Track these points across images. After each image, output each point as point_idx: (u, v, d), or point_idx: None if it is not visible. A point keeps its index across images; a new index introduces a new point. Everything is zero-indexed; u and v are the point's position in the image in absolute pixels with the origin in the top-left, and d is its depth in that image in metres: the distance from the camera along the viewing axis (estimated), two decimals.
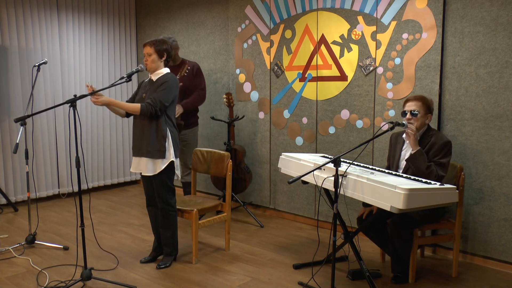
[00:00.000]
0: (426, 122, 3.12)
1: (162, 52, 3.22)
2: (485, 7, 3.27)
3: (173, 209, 3.34)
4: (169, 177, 3.28)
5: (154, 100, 3.11)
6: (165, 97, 3.14)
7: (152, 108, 3.10)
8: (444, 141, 3.02)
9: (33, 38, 5.11)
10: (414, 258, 3.06)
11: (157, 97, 3.12)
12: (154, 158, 3.20)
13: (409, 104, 3.12)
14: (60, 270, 3.30)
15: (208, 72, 5.29)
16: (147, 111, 3.10)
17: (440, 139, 3.03)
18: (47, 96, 5.24)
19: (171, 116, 3.26)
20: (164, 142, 3.18)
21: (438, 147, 3.00)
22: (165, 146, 3.19)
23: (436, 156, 2.99)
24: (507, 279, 3.21)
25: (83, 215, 2.99)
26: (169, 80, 3.18)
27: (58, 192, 5.45)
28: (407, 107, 3.12)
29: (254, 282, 3.15)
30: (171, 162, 3.24)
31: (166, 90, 3.14)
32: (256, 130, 4.83)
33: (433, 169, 2.92)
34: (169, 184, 3.29)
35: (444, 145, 3.00)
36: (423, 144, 3.07)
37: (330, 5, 4.10)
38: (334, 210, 2.65)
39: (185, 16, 5.45)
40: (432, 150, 3.02)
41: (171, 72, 3.28)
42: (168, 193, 3.29)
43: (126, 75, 3.22)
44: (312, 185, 3.97)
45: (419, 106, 3.08)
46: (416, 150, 2.99)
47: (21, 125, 3.50)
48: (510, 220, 3.30)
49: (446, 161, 3.00)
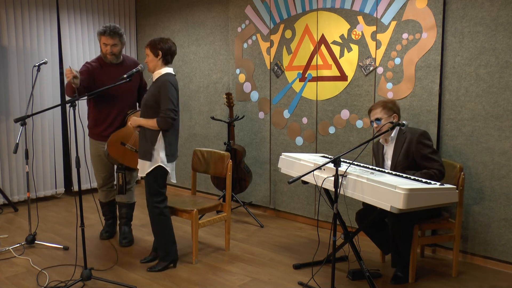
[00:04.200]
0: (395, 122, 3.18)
1: (157, 51, 3.19)
2: (485, 7, 3.27)
3: (161, 213, 3.27)
4: (157, 181, 3.23)
5: (165, 111, 3.10)
6: (171, 104, 3.11)
7: (167, 119, 3.10)
8: (418, 133, 3.09)
9: (33, 38, 5.11)
10: (414, 258, 3.06)
11: (164, 108, 3.11)
12: (142, 159, 3.25)
13: (372, 113, 3.24)
14: (60, 270, 3.30)
15: (208, 72, 5.29)
16: (165, 124, 3.11)
17: (414, 133, 3.11)
18: (47, 96, 5.24)
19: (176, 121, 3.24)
20: (152, 145, 3.17)
21: (416, 142, 3.06)
22: (153, 149, 3.17)
23: (420, 150, 3.04)
24: (507, 279, 3.21)
25: (83, 215, 2.99)
26: (166, 87, 3.13)
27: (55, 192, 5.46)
28: (371, 117, 3.24)
29: (254, 282, 3.15)
30: (159, 166, 3.18)
31: (168, 97, 3.12)
32: (256, 130, 4.83)
33: (433, 173, 2.97)
34: (155, 188, 3.24)
35: (421, 137, 3.07)
36: (400, 143, 3.14)
37: (330, 5, 4.10)
38: (334, 210, 2.65)
39: (185, 16, 5.45)
40: (412, 147, 3.07)
41: (170, 73, 3.23)
42: (155, 196, 3.25)
43: (126, 75, 3.22)
44: (312, 185, 3.97)
45: (380, 112, 3.19)
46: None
47: (21, 125, 3.50)
48: (510, 220, 3.30)
49: (431, 150, 3.05)
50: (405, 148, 3.10)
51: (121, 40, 3.67)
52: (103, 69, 3.71)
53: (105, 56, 3.69)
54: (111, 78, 3.62)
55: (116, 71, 3.68)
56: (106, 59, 3.70)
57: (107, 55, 3.67)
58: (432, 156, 3.03)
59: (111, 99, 3.71)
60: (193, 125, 5.53)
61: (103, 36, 3.61)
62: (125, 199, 3.87)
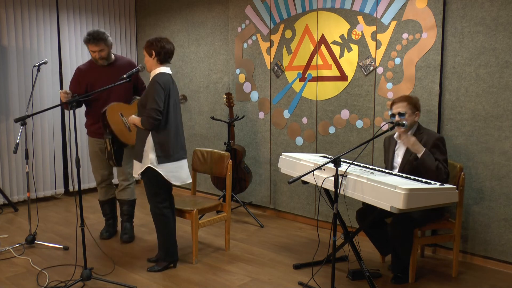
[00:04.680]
0: (416, 120, 3.17)
1: (150, 51, 3.19)
2: (485, 7, 3.27)
3: (161, 214, 3.26)
4: (152, 182, 3.21)
5: (147, 112, 3.07)
6: (154, 104, 3.06)
7: (149, 119, 3.06)
8: (436, 137, 3.06)
9: (33, 38, 5.11)
10: (414, 258, 3.06)
11: (148, 107, 3.08)
12: (135, 160, 3.29)
13: (395, 106, 3.18)
14: (60, 270, 3.30)
15: (208, 72, 5.29)
16: (148, 124, 3.08)
17: (432, 136, 3.08)
18: (47, 96, 5.24)
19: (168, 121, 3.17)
20: (142, 147, 3.17)
21: (432, 145, 3.03)
22: (143, 150, 3.17)
23: (433, 154, 3.01)
24: (507, 279, 3.21)
25: (83, 215, 2.99)
26: (153, 87, 3.10)
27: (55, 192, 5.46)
28: (394, 110, 3.18)
29: (254, 282, 3.15)
30: (148, 167, 3.15)
31: (152, 98, 3.08)
32: (256, 130, 4.83)
33: (441, 167, 2.95)
34: (153, 189, 3.23)
35: (438, 142, 3.04)
36: None
37: (330, 5, 4.10)
38: (334, 210, 2.65)
39: (185, 16, 5.45)
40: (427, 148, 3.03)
41: (162, 73, 3.18)
42: (154, 196, 3.25)
43: (126, 75, 3.23)
44: (312, 185, 3.97)
45: (405, 106, 3.13)
46: (422, 152, 2.99)
47: (21, 125, 3.50)
48: (510, 220, 3.30)
49: (444, 158, 3.03)
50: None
51: (106, 44, 3.76)
52: (95, 70, 3.83)
53: (96, 60, 3.81)
54: (104, 78, 3.75)
55: (108, 71, 3.80)
56: (98, 62, 3.82)
57: (97, 60, 3.79)
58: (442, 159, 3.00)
59: (107, 97, 3.78)
60: (193, 125, 5.53)
61: (89, 44, 3.73)
62: (125, 196, 3.94)
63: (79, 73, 3.86)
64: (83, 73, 3.84)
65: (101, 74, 3.81)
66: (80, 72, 3.86)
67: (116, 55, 3.94)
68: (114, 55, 3.91)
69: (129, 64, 3.94)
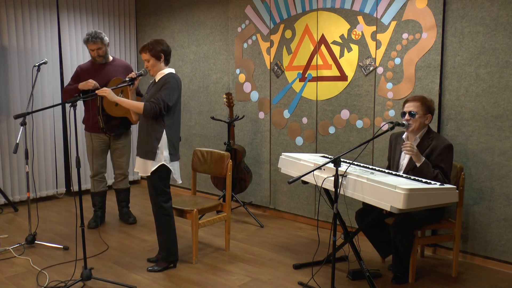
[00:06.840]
0: (426, 123, 3.09)
1: (159, 54, 3.20)
2: (485, 7, 3.27)
3: (166, 213, 3.27)
4: (161, 180, 3.22)
5: (157, 99, 3.10)
6: (167, 97, 3.12)
7: (156, 106, 3.08)
8: (445, 144, 2.99)
9: (33, 38, 5.11)
10: (414, 258, 3.06)
11: (159, 97, 3.11)
12: (145, 159, 3.22)
13: (408, 105, 3.10)
14: (60, 270, 3.30)
15: (208, 72, 5.29)
16: (150, 110, 3.08)
17: (441, 142, 3.01)
18: (47, 96, 5.23)
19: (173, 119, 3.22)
20: (156, 144, 3.15)
21: (439, 152, 2.97)
22: (157, 148, 3.16)
23: (439, 161, 2.97)
24: (507, 279, 3.21)
25: (83, 215, 2.99)
26: (170, 81, 3.16)
27: (56, 192, 5.46)
28: (406, 108, 3.11)
29: (254, 282, 3.15)
30: (162, 165, 3.18)
31: (168, 90, 3.13)
32: (256, 130, 4.83)
33: (440, 177, 2.90)
34: (161, 187, 3.23)
35: (446, 149, 2.98)
36: (423, 147, 3.05)
37: (330, 5, 4.10)
38: (334, 210, 2.65)
39: (185, 16, 5.45)
40: (433, 155, 2.99)
41: (174, 72, 3.26)
42: (160, 196, 3.24)
43: (128, 78, 3.30)
44: (312, 185, 3.97)
45: (418, 107, 3.05)
46: (421, 163, 2.95)
47: (21, 125, 3.50)
48: (510, 220, 3.30)
49: (448, 166, 2.98)
50: (426, 153, 3.01)
51: (103, 42, 4.14)
52: (94, 68, 4.21)
53: (94, 59, 4.21)
54: (101, 74, 4.15)
55: (106, 69, 4.21)
56: (96, 61, 4.21)
57: (96, 58, 4.19)
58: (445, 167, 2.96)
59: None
60: (193, 125, 5.53)
61: (88, 43, 4.13)
62: (123, 185, 4.43)
63: (79, 70, 4.23)
64: (83, 70, 4.21)
65: (98, 71, 4.18)
66: (80, 70, 4.24)
67: (116, 58, 4.35)
68: (113, 57, 4.31)
69: (125, 66, 4.34)
